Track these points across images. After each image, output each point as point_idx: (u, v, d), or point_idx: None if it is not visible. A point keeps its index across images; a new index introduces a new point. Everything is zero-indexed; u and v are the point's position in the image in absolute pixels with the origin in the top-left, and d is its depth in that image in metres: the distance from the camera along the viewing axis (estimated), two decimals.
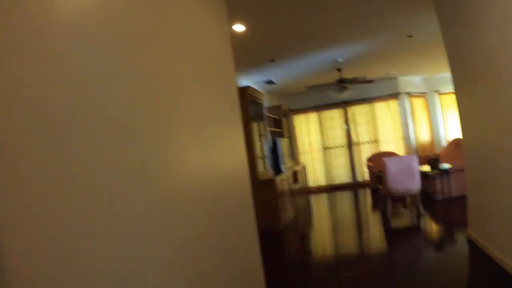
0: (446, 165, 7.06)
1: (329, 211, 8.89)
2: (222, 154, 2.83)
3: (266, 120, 8.27)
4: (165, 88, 2.07)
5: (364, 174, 11.64)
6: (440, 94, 12.29)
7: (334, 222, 7.45)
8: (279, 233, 6.75)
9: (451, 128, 12.17)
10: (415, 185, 6.41)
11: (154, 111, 1.89)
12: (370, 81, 9.15)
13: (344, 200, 10.02)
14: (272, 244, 6.12)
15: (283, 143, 9.12)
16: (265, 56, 6.95)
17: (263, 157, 7.37)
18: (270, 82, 9.28)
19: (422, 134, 11.89)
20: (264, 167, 7.33)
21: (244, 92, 6.82)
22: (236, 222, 2.96)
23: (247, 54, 6.68)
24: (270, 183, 6.89)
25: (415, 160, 6.35)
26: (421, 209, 6.67)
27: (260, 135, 7.36)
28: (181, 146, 2.16)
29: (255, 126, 7.20)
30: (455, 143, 8.60)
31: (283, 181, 7.55)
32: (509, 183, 3.62)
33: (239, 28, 5.30)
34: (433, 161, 6.91)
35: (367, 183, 11.28)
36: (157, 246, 1.74)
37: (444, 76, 11.84)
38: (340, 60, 7.97)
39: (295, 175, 9.02)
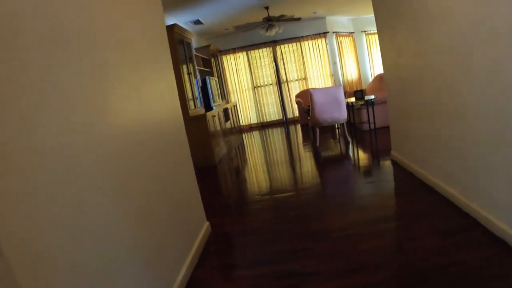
0: (370, 96, 7.43)
1: (261, 147, 9.12)
2: (154, 93, 2.89)
3: (195, 59, 8.23)
4: (90, 24, 2.03)
5: (294, 110, 12.02)
6: (367, 34, 12.69)
7: (267, 156, 7.68)
8: (213, 167, 6.92)
9: (377, 66, 12.69)
10: (342, 114, 6.75)
11: (78, 49, 1.85)
12: (298, 19, 9.30)
13: (276, 136, 10.29)
14: (207, 178, 6.28)
15: (212, 82, 9.14)
16: None
17: (193, 96, 7.40)
18: (198, 22, 9.15)
19: (349, 72, 12.34)
20: (194, 105, 7.37)
21: (171, 31, 6.73)
22: (175, 158, 3.10)
23: None
24: (201, 119, 6.97)
25: (340, 91, 6.66)
26: (349, 138, 7.08)
27: (189, 74, 7.35)
28: (112, 87, 2.18)
29: (184, 66, 7.17)
30: (379, 78, 9.03)
31: (215, 117, 7.66)
32: (423, 109, 3.97)
33: None
34: (359, 93, 7.26)
35: (297, 119, 11.68)
36: (93, 188, 1.79)
37: (371, 17, 12.17)
38: None
39: (226, 112, 9.13)
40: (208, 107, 8.42)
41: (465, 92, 2.88)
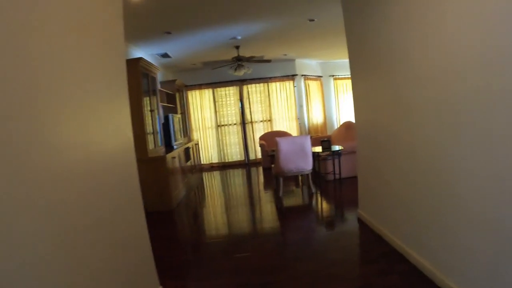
0: (337, 147, 7.25)
1: (222, 189, 8.80)
2: (105, 130, 2.53)
3: (159, 94, 7.89)
4: (38, 54, 1.75)
5: (257, 152, 11.75)
6: (335, 78, 12.73)
7: (227, 201, 7.36)
8: (170, 212, 6.50)
9: (343, 111, 12.70)
10: (308, 165, 6.51)
11: (22, 79, 1.59)
12: (268, 61, 9.15)
13: (237, 178, 10.00)
14: (163, 224, 5.87)
15: (175, 119, 8.82)
16: (162, 27, 6.55)
17: (154, 133, 7.03)
18: (165, 56, 8.86)
19: (315, 116, 12.25)
20: (154, 144, 7.00)
21: (136, 64, 6.43)
22: (121, 203, 2.69)
23: (143, 24, 6.23)
24: (160, 160, 6.59)
25: (307, 141, 6.44)
26: (313, 188, 6.83)
27: (151, 110, 7.00)
28: (54, 120, 1.86)
29: (147, 100, 6.83)
30: (346, 126, 8.90)
31: (175, 158, 7.28)
32: (396, 166, 3.76)
33: None
34: (326, 143, 7.06)
35: (259, 161, 11.39)
36: (22, 236, 1.46)
37: (340, 62, 12.32)
38: (239, 37, 7.80)
39: (187, 152, 8.78)
40: (169, 146, 8.05)
41: (447, 156, 2.68)
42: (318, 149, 7.25)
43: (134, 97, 6.34)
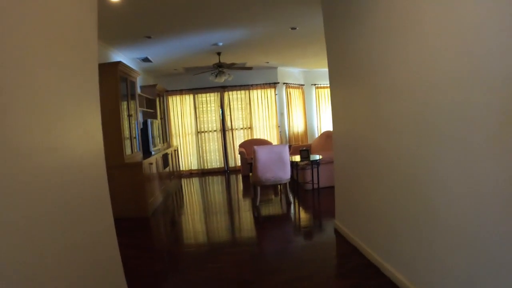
0: (316, 156, 7.22)
1: (200, 196, 8.70)
2: (71, 135, 2.43)
3: (138, 99, 7.78)
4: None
5: (236, 160, 11.66)
6: (317, 87, 12.76)
7: (205, 208, 7.26)
8: (146, 219, 6.38)
9: (324, 120, 12.71)
10: (286, 174, 6.47)
11: None
12: (249, 68, 9.11)
13: (216, 185, 9.91)
14: (137, 232, 5.75)
15: (155, 125, 8.72)
16: (142, 31, 6.45)
17: (131, 139, 6.92)
18: (146, 60, 8.76)
19: (296, 125, 12.23)
20: (132, 149, 6.89)
21: (114, 68, 6.34)
22: (88, 209, 2.58)
23: (122, 27, 6.13)
24: (136, 167, 6.47)
25: (286, 150, 6.39)
26: (291, 198, 6.79)
27: (129, 115, 6.88)
28: (15, 122, 1.76)
29: (124, 105, 6.72)
30: (326, 135, 8.89)
31: (152, 164, 7.17)
32: (373, 178, 3.74)
33: None
34: (304, 152, 7.02)
35: (238, 169, 11.32)
36: None
37: (322, 71, 12.35)
38: (220, 44, 7.74)
39: (165, 158, 8.66)
40: (146, 151, 7.94)
41: (425, 168, 2.65)
42: (297, 158, 7.21)
43: (112, 101, 6.29)
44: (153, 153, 8.00)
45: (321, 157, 7.18)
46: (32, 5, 1.97)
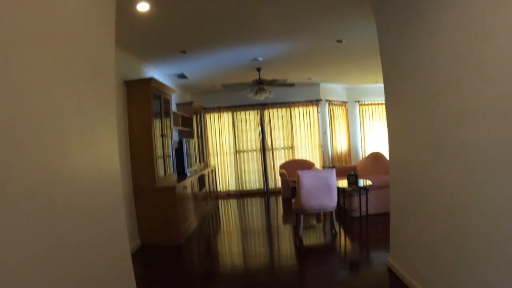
0: (366, 182, 6.55)
1: (237, 220, 8.20)
2: (85, 163, 2.03)
3: (173, 117, 7.34)
4: None
5: (276, 181, 11.04)
6: (361, 104, 12.09)
7: (242, 235, 6.75)
8: (178, 248, 5.87)
9: (369, 140, 12.00)
10: (332, 202, 5.84)
11: None
12: (291, 85, 8.54)
13: (254, 208, 9.41)
14: (166, 264, 5.24)
15: (190, 144, 8.27)
16: (177, 45, 6.02)
17: (165, 160, 6.47)
18: (182, 76, 8.36)
19: (339, 144, 11.55)
20: (165, 171, 6.43)
21: (147, 85, 5.95)
22: (102, 242, 2.16)
23: (155, 41, 5.73)
24: (169, 191, 5.98)
25: (333, 176, 5.76)
26: (336, 227, 6.12)
27: (163, 135, 6.44)
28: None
29: (158, 124, 6.29)
30: (374, 156, 8.22)
31: (186, 188, 6.68)
32: (436, 215, 3.06)
33: (143, 7, 4.34)
34: (352, 177, 6.37)
35: (279, 191, 10.72)
36: None
37: (366, 87, 11.68)
38: (260, 59, 7.23)
39: (201, 179, 8.19)
40: (181, 173, 7.48)
41: (503, 212, 2.01)
42: (343, 183, 6.56)
43: (143, 120, 5.91)
44: (188, 174, 7.54)
45: (370, 183, 6.50)
46: (57, 47, 1.86)
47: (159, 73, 7.79)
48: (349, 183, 6.39)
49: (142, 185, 5.97)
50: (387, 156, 10.44)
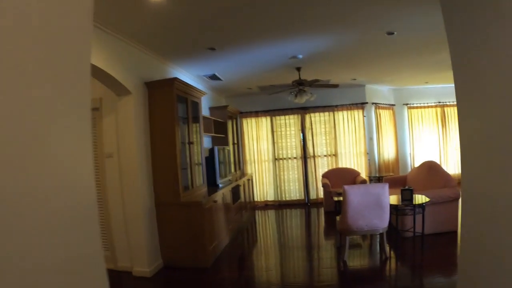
0: (421, 198, 5.64)
1: (275, 234, 7.49)
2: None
3: (203, 123, 6.65)
4: None
5: (318, 191, 10.15)
6: (410, 107, 11.12)
7: (280, 253, 6.07)
8: (204, 271, 5.16)
9: (418, 147, 11.01)
10: (383, 222, 4.98)
11: None
12: (335, 86, 7.69)
13: (294, 220, 8.68)
14: None
15: (224, 152, 7.57)
16: (203, 41, 5.32)
17: (192, 170, 5.78)
18: (214, 78, 7.68)
19: (386, 151, 10.58)
20: (192, 183, 5.74)
21: (169, 86, 5.30)
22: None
23: (178, 35, 5.05)
24: (196, 206, 5.27)
25: (385, 192, 4.89)
26: (387, 251, 5.23)
27: (190, 143, 5.75)
28: None
29: (184, 130, 5.64)
30: (428, 166, 7.25)
31: (216, 202, 5.97)
32: None
33: None
34: (407, 193, 5.47)
35: (320, 202, 9.87)
36: None
37: (415, 88, 10.74)
38: (300, 56, 6.44)
39: (236, 190, 7.48)
40: (213, 184, 6.78)
41: None
42: (396, 199, 5.66)
43: (165, 126, 5.31)
44: (220, 186, 6.84)
45: (427, 199, 5.58)
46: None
47: (188, 75, 7.14)
48: (403, 200, 5.50)
49: (164, 199, 5.31)
50: (443, 165, 9.51)
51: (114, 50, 4.63)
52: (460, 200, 5.87)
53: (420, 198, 5.59)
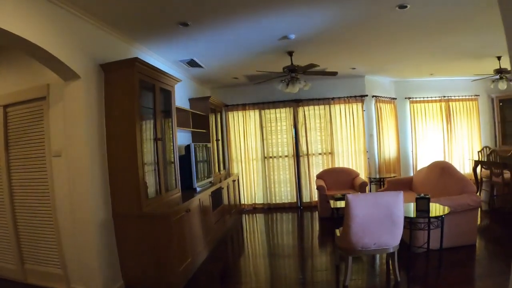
0: (439, 207, 4.63)
1: (263, 242, 6.64)
2: None
3: (179, 115, 5.57)
4: None
5: (312, 193, 9.13)
6: (412, 101, 10.16)
7: (271, 266, 5.24)
8: None
9: (421, 144, 10.07)
10: (394, 238, 3.97)
11: None
12: (333, 74, 6.59)
13: (285, 225, 7.77)
14: None
15: (204, 150, 6.56)
16: (171, 10, 4.21)
17: (159, 173, 4.73)
18: (194, 64, 6.62)
19: (387, 149, 9.57)
20: (159, 189, 4.71)
21: (128, 67, 4.25)
22: None
23: (142, 7, 4.02)
24: (160, 220, 4.24)
25: (399, 202, 3.87)
26: (398, 275, 4.20)
27: (157, 138, 4.70)
28: None
29: (149, 124, 4.60)
30: (440, 167, 6.24)
31: (190, 212, 4.93)
32: None
33: None
34: (423, 202, 4.44)
35: (315, 205, 8.90)
36: None
37: (418, 81, 9.85)
38: (292, 36, 5.40)
39: (217, 194, 6.48)
40: (189, 187, 5.77)
41: None
42: (406, 209, 4.63)
43: (122, 118, 4.23)
44: (198, 189, 5.83)
45: (447, 209, 4.56)
46: None
47: (163, 60, 6.14)
48: (418, 210, 4.48)
49: (123, 209, 4.28)
50: (456, 166, 8.52)
51: (55, 21, 3.61)
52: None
53: (437, 208, 4.58)
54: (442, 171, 6.11)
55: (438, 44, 6.34)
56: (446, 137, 10.13)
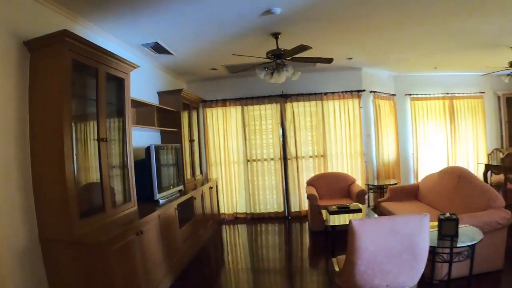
0: (467, 230, 3.55)
1: (245, 260, 5.61)
2: None
3: (130, 110, 4.42)
4: None
5: (302, 201, 8.04)
6: (413, 99, 9.14)
7: None
8: None
9: (423, 146, 9.07)
10: (415, 276, 2.88)
11: None
12: (328, 61, 5.44)
13: (271, 240, 6.69)
14: None
15: (172, 152, 5.47)
16: None
17: (103, 184, 3.62)
18: (161, 50, 5.51)
19: (386, 152, 8.52)
20: (103, 203, 3.62)
21: (56, 43, 3.12)
22: None
23: None
24: (95, 249, 3.12)
25: (425, 229, 2.77)
26: None
27: (100, 139, 3.58)
28: None
29: (93, 119, 3.51)
30: (457, 176, 5.19)
31: (142, 234, 3.82)
32: None
33: None
34: (450, 225, 3.35)
35: (304, 215, 7.82)
36: None
37: (420, 76, 8.92)
38: (277, 10, 4.30)
39: (188, 205, 5.40)
40: (149, 199, 4.68)
41: None
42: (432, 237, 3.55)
43: (53, 112, 3.10)
44: (161, 202, 4.73)
45: (480, 235, 3.48)
46: None
47: (124, 45, 5.14)
48: (440, 235, 3.39)
49: (51, 233, 3.18)
50: (476, 174, 7.54)
51: None
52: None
53: (465, 232, 3.51)
54: (460, 179, 5.07)
55: (447, 29, 5.33)
56: (449, 138, 9.14)
